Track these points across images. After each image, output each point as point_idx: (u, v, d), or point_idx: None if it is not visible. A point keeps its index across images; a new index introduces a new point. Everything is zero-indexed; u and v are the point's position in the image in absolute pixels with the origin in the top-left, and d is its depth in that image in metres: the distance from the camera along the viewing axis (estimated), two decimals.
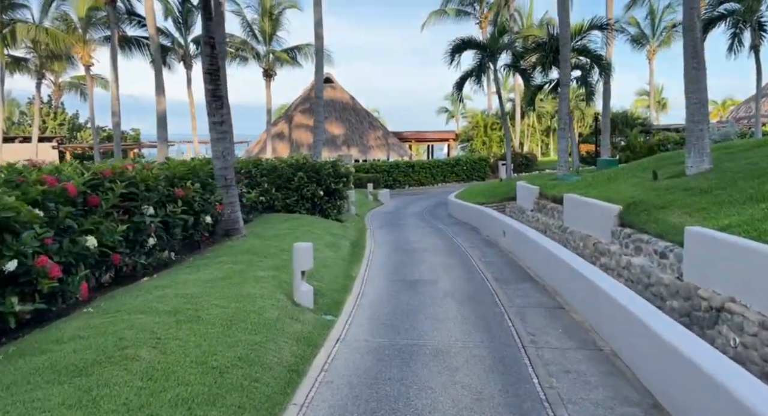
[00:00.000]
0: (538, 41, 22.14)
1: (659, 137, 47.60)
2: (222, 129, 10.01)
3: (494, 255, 11.97)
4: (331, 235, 12.27)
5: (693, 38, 10.24)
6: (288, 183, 14.98)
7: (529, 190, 16.09)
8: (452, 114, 77.38)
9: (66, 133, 49.02)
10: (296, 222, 12.76)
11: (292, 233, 11.40)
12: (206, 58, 9.72)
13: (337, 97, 42.88)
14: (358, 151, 40.76)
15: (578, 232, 11.42)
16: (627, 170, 13.45)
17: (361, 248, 12.46)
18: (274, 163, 14.88)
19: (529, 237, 10.59)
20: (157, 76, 22.01)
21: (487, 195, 20.43)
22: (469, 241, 13.96)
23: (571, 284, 7.81)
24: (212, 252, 9.27)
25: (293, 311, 6.80)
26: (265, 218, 13.23)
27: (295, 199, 14.95)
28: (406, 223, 18.13)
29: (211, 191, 9.62)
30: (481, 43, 21.81)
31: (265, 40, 35.38)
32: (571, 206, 12.13)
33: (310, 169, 15.20)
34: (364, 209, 22.64)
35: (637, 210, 9.47)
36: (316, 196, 15.17)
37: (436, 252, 12.08)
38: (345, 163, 16.50)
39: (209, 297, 6.43)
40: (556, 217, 13.44)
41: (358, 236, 13.94)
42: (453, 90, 23.23)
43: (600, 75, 22.09)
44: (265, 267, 8.29)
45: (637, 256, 8.59)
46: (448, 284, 9.16)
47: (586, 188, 13.18)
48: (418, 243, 13.53)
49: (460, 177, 38.36)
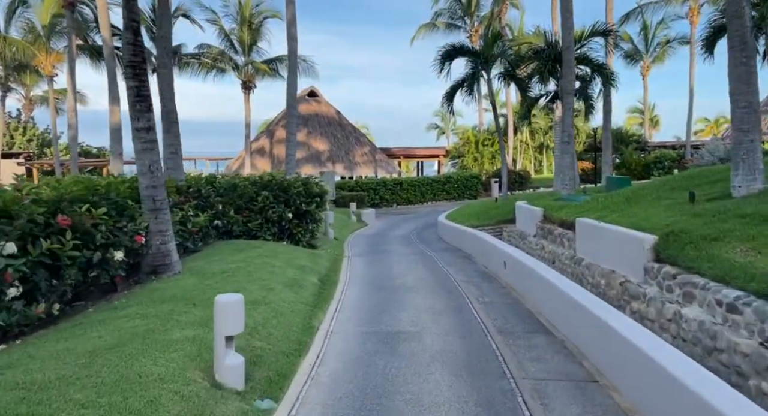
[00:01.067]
0: (536, 48, 20.31)
1: (656, 154, 46.14)
2: (149, 137, 7.83)
3: (494, 292, 9.79)
4: (295, 269, 10.03)
5: (741, 26, 8.29)
6: (250, 204, 12.78)
7: (531, 211, 14.00)
8: (442, 130, 75.88)
9: (35, 148, 46.45)
10: (254, 253, 10.52)
11: (244, 268, 9.16)
12: (128, 47, 7.58)
13: (322, 111, 40.94)
14: (344, 167, 38.72)
15: (597, 266, 9.29)
16: (648, 190, 11.44)
17: (333, 285, 10.23)
18: (233, 180, 12.68)
19: (537, 273, 8.45)
20: (110, 84, 19.90)
21: (482, 216, 18.32)
22: (463, 273, 11.79)
23: (605, 345, 5.66)
24: (125, 299, 7.01)
25: (207, 400, 4.56)
26: (218, 247, 10.98)
27: (258, 222, 12.73)
28: (391, 249, 15.93)
29: (131, 217, 7.40)
30: (474, 49, 19.95)
31: (244, 50, 33.42)
32: (587, 233, 10.02)
33: (277, 187, 13.02)
34: (345, 232, 20.44)
35: (680, 242, 7.37)
36: (284, 218, 12.97)
37: (423, 291, 9.88)
38: (321, 181, 14.33)
39: (71, 387, 4.19)
40: (566, 246, 11.32)
41: (331, 268, 11.71)
42: (442, 101, 21.27)
43: (603, 85, 20.26)
44: (188, 323, 6.05)
45: (688, 306, 6.46)
46: (437, 340, 6.96)
47: (602, 211, 11.10)
48: (402, 277, 11.33)
49: (451, 195, 36.37)
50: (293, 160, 17.18)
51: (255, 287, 8.07)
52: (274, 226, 12.98)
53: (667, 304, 6.80)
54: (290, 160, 17.00)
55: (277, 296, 7.96)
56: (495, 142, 46.13)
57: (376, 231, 21.82)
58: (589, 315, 6.19)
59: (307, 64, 35.11)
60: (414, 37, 48.23)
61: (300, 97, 41.92)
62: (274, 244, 12.01)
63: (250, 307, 7.03)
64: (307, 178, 13.71)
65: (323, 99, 41.56)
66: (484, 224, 17.01)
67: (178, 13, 34.66)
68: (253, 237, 12.79)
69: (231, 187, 12.49)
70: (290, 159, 17.04)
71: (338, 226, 20.75)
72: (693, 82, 44.00)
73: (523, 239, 14.34)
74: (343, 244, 16.72)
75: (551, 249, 11.89)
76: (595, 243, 9.60)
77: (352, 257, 14.13)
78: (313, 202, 13.42)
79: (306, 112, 40.61)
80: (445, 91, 21.38)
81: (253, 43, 33.11)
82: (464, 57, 19.97)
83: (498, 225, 16.89)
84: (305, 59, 34.71)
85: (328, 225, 17.12)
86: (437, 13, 47.72)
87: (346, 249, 15.85)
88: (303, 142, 38.78)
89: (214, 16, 32.15)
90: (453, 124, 75.48)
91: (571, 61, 15.89)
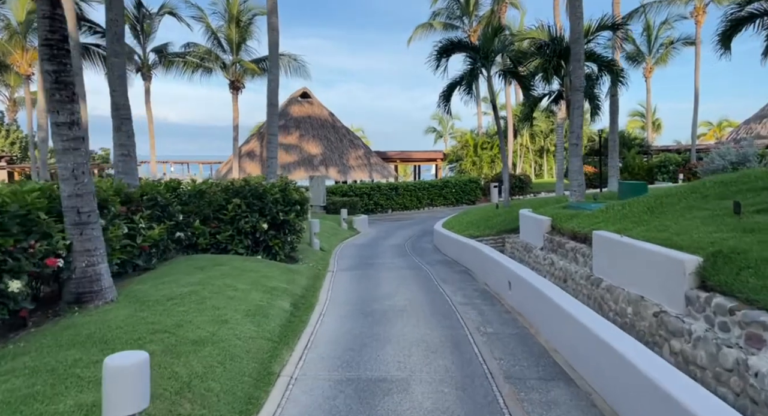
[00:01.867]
0: (540, 43, 18.82)
1: (660, 158, 44.70)
2: (72, 134, 6.29)
3: (498, 319, 8.27)
4: (263, 292, 8.49)
5: None
6: (220, 213, 11.26)
7: (537, 221, 12.49)
8: (440, 134, 74.48)
9: (18, 152, 44.87)
10: (217, 271, 8.98)
11: (198, 292, 7.62)
12: (43, 22, 6.05)
13: (315, 113, 39.47)
14: (338, 171, 37.21)
15: (620, 290, 7.77)
16: (673, 198, 9.93)
17: (308, 310, 8.69)
18: (200, 186, 11.14)
19: (550, 300, 6.94)
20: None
21: (482, 225, 16.79)
22: (461, 292, 10.27)
23: (654, 409, 4.16)
24: (24, 341, 5.46)
25: None
26: (176, 264, 9.43)
27: (229, 234, 11.20)
28: (381, 263, 14.40)
29: (43, 235, 5.86)
30: (473, 44, 18.46)
31: (232, 49, 31.94)
32: (606, 249, 8.51)
33: (251, 194, 11.50)
34: (333, 241, 18.90)
35: (733, 266, 5.86)
36: (259, 229, 11.43)
37: (415, 316, 8.35)
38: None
39: None
40: (580, 262, 9.80)
41: (309, 287, 10.17)
42: (439, 101, 19.76)
43: (613, 84, 18.78)
44: (92, 381, 4.51)
45: (757, 354, 4.94)
46: (429, 392, 5.43)
47: (622, 222, 9.59)
48: (391, 297, 9.79)
49: (449, 200, 34.88)
50: (275, 163, 15.61)
51: (204, 319, 6.54)
52: (247, 238, 11.45)
53: (725, 349, 5.27)
54: (271, 163, 15.44)
55: (231, 331, 6.42)
56: (494, 145, 44.69)
57: (368, 241, 20.28)
58: (628, 367, 4.67)
59: (298, 63, 33.72)
60: (411, 37, 46.95)
61: (292, 99, 40.47)
62: (245, 260, 10.45)
63: (189, 350, 5.50)
64: (285, 183, 12.19)
65: (316, 100, 40.10)
66: (485, 234, 15.49)
67: (164, 11, 33.26)
68: (222, 251, 11.25)
69: (197, 194, 10.96)
70: (271, 162, 15.48)
71: (327, 235, 19.22)
72: (698, 84, 42.68)
73: (528, 252, 12.81)
74: (329, 256, 15.17)
75: (562, 265, 10.36)
76: (617, 261, 8.08)
77: (337, 272, 12.59)
78: (293, 210, 11.89)
79: (298, 113, 39.12)
80: (442, 91, 19.87)
81: (242, 42, 31.64)
82: (462, 52, 18.48)
83: (499, 235, 15.37)
84: (296, 58, 33.31)
85: (313, 234, 15.59)
86: (435, 12, 46.47)
87: (332, 262, 14.30)
88: (295, 145, 37.29)
89: (200, 12, 30.70)
90: (451, 128, 74.13)
91: (580, 55, 14.40)
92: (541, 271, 11.51)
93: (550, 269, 10.97)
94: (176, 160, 67.11)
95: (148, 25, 32.52)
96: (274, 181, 13.53)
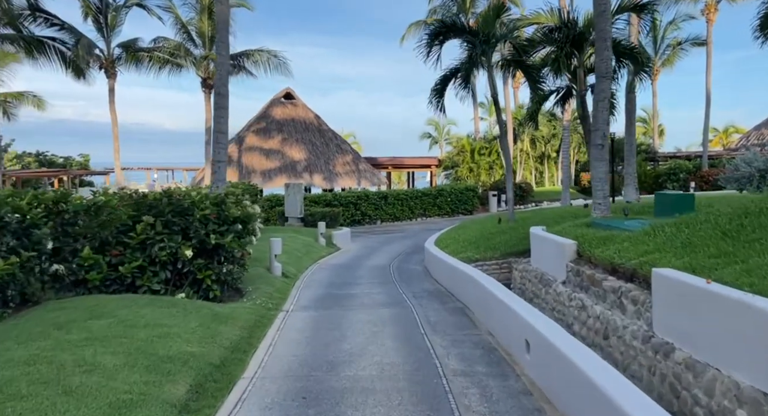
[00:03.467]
0: (550, 27, 15.88)
1: (669, 165, 41.83)
2: None
3: (514, 410, 5.23)
4: (146, 369, 5.40)
5: None
6: (125, 236, 8.18)
7: (557, 245, 9.47)
8: (435, 139, 71.63)
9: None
10: (82, 332, 5.88)
11: (15, 381, 4.55)
12: None
13: (299, 115, 36.50)
14: (323, 178, 34.19)
15: (716, 373, 4.74)
16: (755, 217, 6.96)
17: (216, 395, 5.59)
18: (97, 199, 8.05)
19: (604, 394, 3.92)
20: None
21: (482, 245, 13.73)
22: (457, 351, 7.21)
23: None
24: None
25: None
26: (27, 317, 6.33)
27: (137, 264, 8.11)
28: (356, 295, 11.33)
29: None
30: (471, 28, 15.54)
31: (204, 43, 28.96)
32: (681, 299, 5.49)
33: (171, 209, 8.44)
34: (305, 261, 15.83)
35: None
36: (181, 257, 8.35)
37: (385, 404, 5.30)
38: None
39: None
40: (629, 312, 6.76)
41: (239, 346, 7.06)
42: (430, 97, 16.80)
43: (636, 75, 15.87)
44: None
45: None
46: None
47: (689, 253, 6.60)
48: (357, 360, 6.74)
49: (444, 210, 31.88)
50: (222, 169, 12.49)
51: None
52: (164, 270, 8.35)
53: None
54: (218, 168, 12.34)
55: None
56: (492, 150, 41.78)
57: (347, 260, 17.21)
58: None
59: (279, 60, 30.73)
60: (404, 35, 44.29)
61: (274, 100, 37.44)
62: (147, 305, 7.30)
63: None
64: (222, 194, 9.10)
65: (300, 102, 37.16)
66: (486, 257, 12.46)
67: (131, 2, 30.28)
68: (130, 289, 8.15)
69: (90, 209, 7.87)
70: (218, 168, 12.37)
71: (298, 255, 16.16)
72: (710, 86, 40.03)
73: (545, 286, 9.75)
74: (291, 285, 12.09)
75: (600, 313, 7.32)
76: (705, 322, 5.07)
77: (293, 312, 9.51)
78: (230, 230, 8.82)
79: (281, 116, 36.14)
80: (434, 84, 16.91)
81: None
82: (458, 38, 15.55)
83: (505, 258, 12.34)
84: (276, 55, 30.36)
85: (273, 257, 12.53)
86: (432, 10, 43.90)
87: (292, 294, 11.22)
88: (276, 150, 34.27)
89: (169, 2, 27.71)
90: (447, 134, 71.31)
91: (606, 33, 11.42)
92: (565, 316, 8.47)
93: (580, 315, 7.92)
94: (160, 167, 64.29)
95: (113, 16, 29.51)
96: (222, 191, 10.50)
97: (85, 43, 27.04)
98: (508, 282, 11.92)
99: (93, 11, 28.96)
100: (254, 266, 12.37)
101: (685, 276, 5.66)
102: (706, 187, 35.73)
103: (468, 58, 15.38)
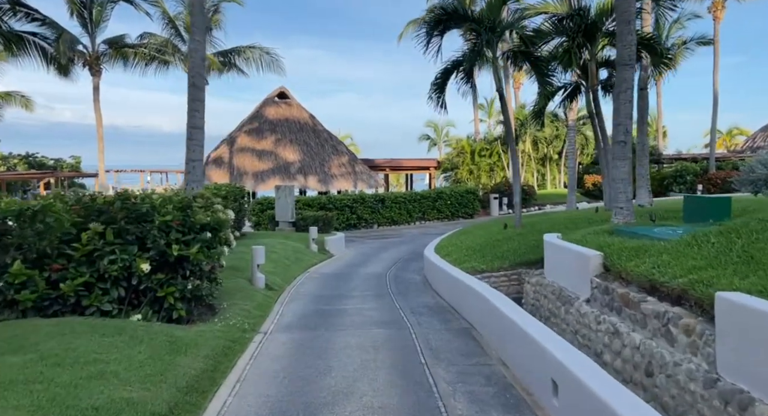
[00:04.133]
0: (561, 16, 14.61)
1: (675, 167, 40.56)
2: None
3: None
4: None
5: None
6: (67, 246, 6.86)
7: (578, 256, 8.16)
8: (434, 141, 70.35)
9: None
10: None
11: None
12: None
13: (293, 115, 35.22)
14: (318, 180, 32.91)
15: None
16: None
17: None
18: (33, 203, 6.73)
19: None
20: None
21: (488, 253, 12.41)
22: (465, 388, 5.89)
23: None
24: None
25: None
26: None
27: (84, 280, 6.79)
28: (347, 311, 10.00)
29: None
30: (474, 16, 14.30)
31: None
32: (764, 336, 4.18)
33: (125, 215, 7.12)
34: (294, 270, 14.51)
35: None
36: (137, 271, 7.02)
37: None
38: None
39: None
40: (680, 344, 5.45)
41: (196, 385, 5.73)
42: (430, 92, 15.50)
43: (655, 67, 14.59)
44: None
45: None
46: None
47: (754, 271, 5.30)
48: (342, 401, 5.43)
49: (443, 214, 30.57)
50: (198, 169, 11.14)
51: None
52: (117, 287, 7.03)
53: None
54: (192, 168, 10.97)
55: None
56: (493, 152, 40.56)
57: (340, 268, 15.89)
58: None
59: (271, 57, 29.48)
60: (402, 34, 43.01)
61: (268, 99, 36.13)
62: (84, 332, 5.97)
63: None
64: (189, 198, 7.78)
65: (294, 101, 35.89)
66: (494, 268, 11.16)
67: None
68: (75, 309, 6.82)
69: (26, 215, 6.54)
70: (192, 167, 10.99)
71: (286, 263, 14.83)
72: (717, 86, 38.92)
73: (564, 304, 8.41)
74: (274, 299, 10.77)
75: (639, 342, 6.00)
76: None
77: (271, 335, 8.18)
78: (197, 240, 7.49)
79: (274, 116, 34.85)
80: (434, 78, 15.62)
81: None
82: (460, 27, 14.34)
83: (514, 269, 11.03)
84: (269, 52, 29.12)
85: (256, 267, 11.22)
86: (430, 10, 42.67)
87: (275, 311, 9.89)
88: (269, 151, 32.98)
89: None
90: (446, 135, 70.04)
91: (630, 14, 10.08)
92: (592, 341, 7.16)
93: (612, 343, 6.60)
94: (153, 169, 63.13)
95: (98, 11, 28.20)
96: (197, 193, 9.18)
97: (67, 38, 25.72)
98: (519, 296, 10.62)
99: (77, 6, 27.64)
100: (235, 278, 11.07)
101: (764, 303, 4.37)
102: (714, 190, 34.53)
103: (471, 48, 14.09)
